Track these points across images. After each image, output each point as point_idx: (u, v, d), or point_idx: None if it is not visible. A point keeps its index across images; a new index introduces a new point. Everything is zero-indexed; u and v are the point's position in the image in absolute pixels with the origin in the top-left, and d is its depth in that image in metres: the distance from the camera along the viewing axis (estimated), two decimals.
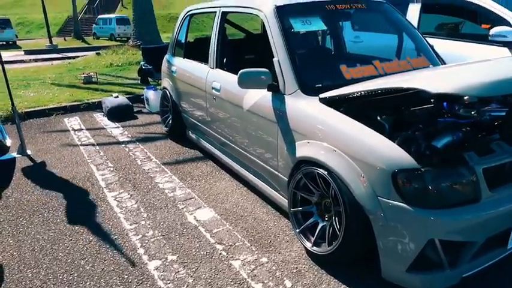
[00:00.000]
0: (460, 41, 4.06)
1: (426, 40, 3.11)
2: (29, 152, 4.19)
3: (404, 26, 3.17)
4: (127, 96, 6.11)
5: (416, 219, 1.75)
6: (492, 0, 3.83)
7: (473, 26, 4.28)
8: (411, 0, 4.58)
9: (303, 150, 2.23)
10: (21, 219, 2.84)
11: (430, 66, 2.78)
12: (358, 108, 2.14)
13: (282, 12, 2.63)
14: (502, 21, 3.71)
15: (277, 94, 2.47)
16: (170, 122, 4.40)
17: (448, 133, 1.95)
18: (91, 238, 2.57)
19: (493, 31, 3.66)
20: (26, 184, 3.42)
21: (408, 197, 1.76)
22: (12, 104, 4.18)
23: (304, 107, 2.28)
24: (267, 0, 2.78)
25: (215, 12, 3.43)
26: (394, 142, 1.86)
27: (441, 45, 3.99)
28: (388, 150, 1.83)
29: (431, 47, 3.08)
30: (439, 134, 1.95)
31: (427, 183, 1.74)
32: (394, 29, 3.27)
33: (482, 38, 3.82)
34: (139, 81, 6.95)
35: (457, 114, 2.23)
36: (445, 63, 3.00)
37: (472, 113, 2.22)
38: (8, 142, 4.06)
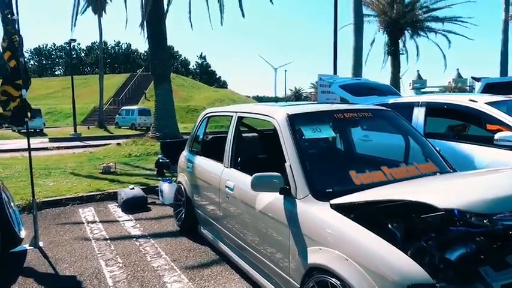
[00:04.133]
0: (466, 143, 4.20)
1: (432, 145, 3.24)
2: (41, 243, 4.21)
3: (410, 132, 3.33)
4: (142, 187, 6.26)
5: None
6: (494, 107, 4.04)
7: (478, 129, 4.45)
8: (416, 104, 4.87)
9: (315, 257, 2.21)
10: None
11: (438, 172, 2.85)
12: (369, 215, 2.17)
13: (293, 120, 2.82)
14: (506, 127, 3.87)
15: (289, 197, 2.53)
16: (183, 216, 4.45)
17: (461, 244, 1.93)
18: None
19: (498, 136, 3.80)
20: (33, 280, 3.38)
21: None
22: (33, 196, 4.32)
23: (315, 213, 2.32)
24: (280, 109, 3.01)
25: (232, 116, 3.69)
26: (406, 252, 1.84)
27: (448, 148, 4.14)
28: (401, 263, 1.81)
29: (438, 151, 3.19)
30: (451, 245, 1.93)
31: None
32: (400, 134, 3.43)
33: (488, 141, 3.95)
34: (155, 172, 7.19)
35: (469, 222, 2.23)
36: (451, 167, 3.07)
37: (485, 221, 2.22)
38: (22, 234, 4.12)
